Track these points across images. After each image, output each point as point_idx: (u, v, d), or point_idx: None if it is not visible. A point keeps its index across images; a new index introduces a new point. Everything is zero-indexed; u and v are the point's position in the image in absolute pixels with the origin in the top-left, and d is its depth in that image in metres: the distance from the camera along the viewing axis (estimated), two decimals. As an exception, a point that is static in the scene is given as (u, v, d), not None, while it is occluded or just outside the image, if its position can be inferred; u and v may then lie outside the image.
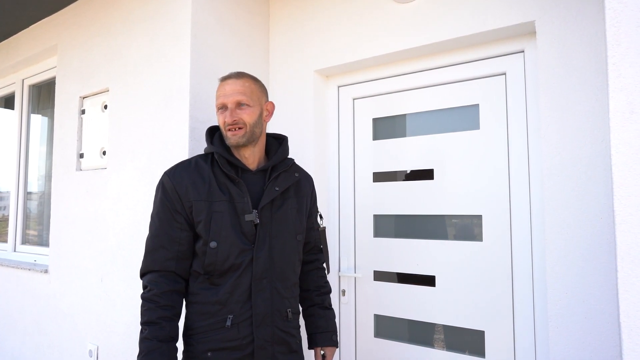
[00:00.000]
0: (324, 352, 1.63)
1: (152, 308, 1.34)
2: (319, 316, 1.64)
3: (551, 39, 1.60)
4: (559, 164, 1.56)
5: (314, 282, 1.68)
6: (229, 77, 1.48)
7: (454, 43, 1.86)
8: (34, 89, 3.25)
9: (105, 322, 2.18)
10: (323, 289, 1.69)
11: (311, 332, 1.63)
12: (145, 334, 1.32)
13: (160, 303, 1.34)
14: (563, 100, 1.57)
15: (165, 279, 1.38)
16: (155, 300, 1.35)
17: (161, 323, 1.33)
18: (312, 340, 1.63)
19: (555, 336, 1.53)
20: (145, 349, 1.30)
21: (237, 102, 1.44)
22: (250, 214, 1.41)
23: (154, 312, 1.33)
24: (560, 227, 1.54)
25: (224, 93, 1.45)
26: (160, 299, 1.35)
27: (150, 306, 1.34)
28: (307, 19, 2.24)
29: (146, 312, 1.34)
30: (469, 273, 1.87)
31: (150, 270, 1.39)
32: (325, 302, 1.68)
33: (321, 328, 1.62)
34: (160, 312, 1.34)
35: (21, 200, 3.19)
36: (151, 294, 1.35)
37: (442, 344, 1.96)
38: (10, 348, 2.85)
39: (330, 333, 1.63)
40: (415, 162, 2.04)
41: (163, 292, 1.36)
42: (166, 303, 1.35)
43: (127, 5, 2.23)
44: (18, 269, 2.83)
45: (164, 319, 1.34)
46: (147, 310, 1.34)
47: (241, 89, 1.45)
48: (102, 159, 2.34)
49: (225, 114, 1.45)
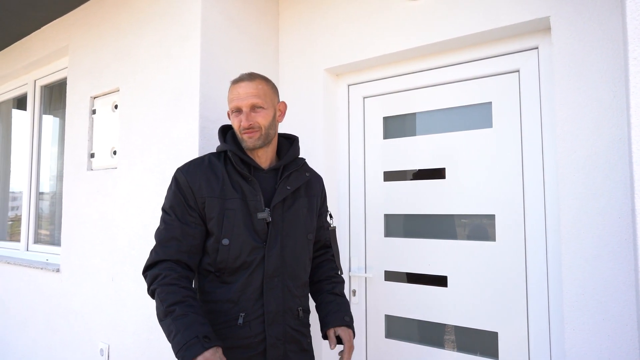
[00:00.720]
0: (338, 333, 1.49)
1: (174, 290, 1.26)
2: (330, 301, 1.56)
3: (566, 34, 1.57)
4: (574, 162, 1.53)
5: (324, 272, 1.65)
6: (241, 80, 1.47)
7: (466, 40, 1.84)
8: (45, 89, 3.28)
9: (116, 321, 2.19)
10: (334, 278, 1.64)
11: (322, 316, 1.54)
12: (175, 313, 1.22)
13: (181, 284, 1.28)
14: (579, 97, 1.53)
15: (179, 266, 1.34)
16: (175, 283, 1.28)
17: (189, 300, 1.26)
18: (323, 324, 1.52)
19: (571, 338, 1.50)
20: (184, 324, 1.20)
21: (251, 105, 1.43)
22: (263, 212, 1.41)
23: (177, 293, 1.26)
24: (577, 227, 1.51)
25: (237, 96, 1.44)
26: (179, 281, 1.29)
27: (172, 289, 1.27)
28: (317, 17, 2.22)
29: (168, 295, 1.25)
30: (482, 273, 1.84)
31: (162, 259, 1.34)
32: (335, 288, 1.60)
33: (332, 310, 1.53)
34: (185, 292, 1.27)
35: (33, 200, 3.22)
36: (169, 278, 1.29)
37: (454, 345, 1.93)
38: (22, 346, 2.87)
39: (342, 313, 1.52)
40: (426, 161, 2.02)
41: (181, 276, 1.30)
42: (186, 285, 1.30)
43: (136, 5, 2.24)
44: (30, 268, 2.85)
45: (190, 297, 1.27)
46: (169, 293, 1.26)
47: (255, 91, 1.44)
48: (112, 158, 2.35)
49: (241, 117, 1.44)
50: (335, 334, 1.50)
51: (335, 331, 1.51)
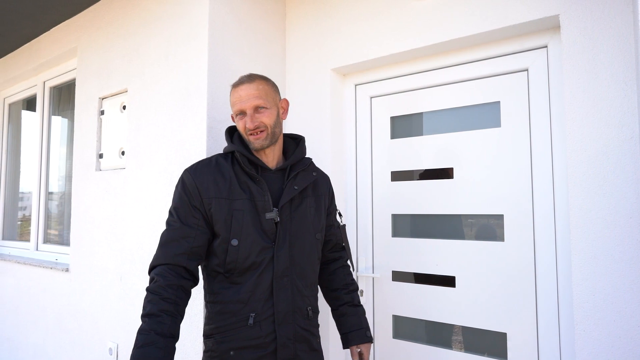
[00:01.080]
0: (360, 349, 1.61)
1: (154, 300, 1.28)
2: (351, 314, 1.63)
3: (576, 33, 1.55)
4: (584, 161, 1.51)
5: (341, 280, 1.68)
6: (241, 82, 1.48)
7: (474, 39, 1.83)
8: (54, 90, 3.31)
9: (125, 320, 2.20)
10: (351, 286, 1.69)
11: (345, 331, 1.62)
12: (143, 325, 1.25)
13: (163, 295, 1.28)
14: (589, 96, 1.52)
15: (173, 272, 1.33)
16: (158, 292, 1.29)
17: (162, 316, 1.26)
18: (346, 339, 1.62)
19: (582, 340, 1.48)
20: (141, 341, 1.22)
21: (255, 106, 1.44)
22: (271, 212, 1.42)
23: (155, 305, 1.27)
24: (587, 227, 1.50)
25: (239, 99, 1.45)
26: (164, 291, 1.29)
27: (153, 298, 1.28)
28: (324, 16, 2.22)
29: (148, 304, 1.28)
30: (491, 274, 1.83)
31: (160, 264, 1.35)
32: (354, 299, 1.67)
33: (355, 326, 1.61)
34: (162, 305, 1.27)
35: (43, 201, 3.25)
36: (156, 285, 1.30)
37: (462, 345, 1.92)
38: (32, 345, 2.90)
39: (364, 329, 1.62)
40: (434, 161, 2.01)
41: (168, 285, 1.30)
42: (169, 296, 1.29)
43: (144, 7, 2.25)
44: (40, 268, 2.88)
45: (165, 312, 1.27)
46: (149, 302, 1.28)
47: (256, 92, 1.45)
48: (121, 159, 2.37)
49: (245, 119, 1.45)
50: (358, 349, 1.60)
51: (358, 347, 1.60)
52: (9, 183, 3.74)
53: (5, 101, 3.80)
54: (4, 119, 3.81)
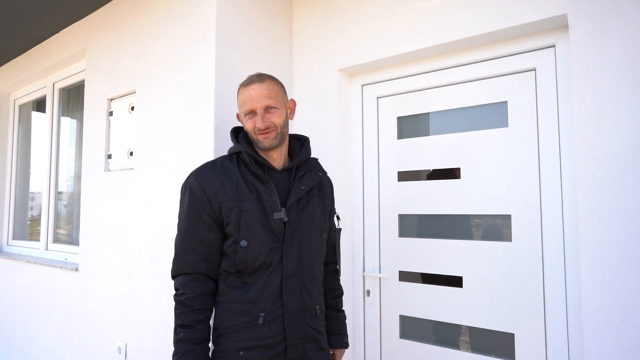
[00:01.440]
0: (334, 353, 1.67)
1: (185, 312, 1.38)
2: (332, 318, 1.68)
3: (584, 32, 1.54)
4: (593, 161, 1.50)
5: (329, 284, 1.71)
6: (251, 82, 1.47)
7: (481, 39, 1.82)
8: (63, 92, 3.34)
9: (133, 319, 2.22)
10: (337, 291, 1.73)
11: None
12: (180, 335, 1.36)
13: (193, 307, 1.38)
14: (597, 96, 1.51)
15: (197, 282, 1.40)
16: (188, 304, 1.38)
17: (195, 326, 1.37)
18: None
19: (590, 341, 1.47)
20: (180, 351, 1.35)
21: (266, 106, 1.45)
22: (279, 212, 1.42)
23: (187, 316, 1.37)
24: (595, 227, 1.49)
25: (250, 98, 1.45)
26: (193, 302, 1.38)
27: (184, 309, 1.38)
28: (331, 17, 2.22)
29: (180, 315, 1.38)
30: (498, 274, 1.82)
31: (181, 273, 1.42)
32: (338, 304, 1.73)
33: (334, 330, 1.67)
34: (194, 316, 1.37)
35: (52, 201, 3.29)
36: (184, 297, 1.39)
37: (469, 346, 1.92)
38: (43, 343, 2.94)
39: (342, 335, 1.67)
40: (441, 161, 2.01)
41: (195, 296, 1.39)
42: (199, 307, 1.39)
43: (152, 8, 2.27)
44: (50, 267, 2.91)
45: (197, 322, 1.37)
46: (181, 313, 1.38)
47: (267, 92, 1.45)
48: (129, 159, 2.39)
49: (255, 119, 1.45)
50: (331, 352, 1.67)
51: (332, 351, 1.67)
52: (19, 183, 3.79)
53: (16, 102, 3.84)
54: (14, 120, 3.85)
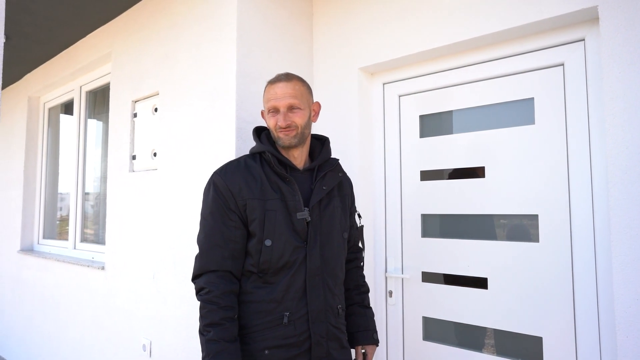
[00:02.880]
0: (365, 350, 1.63)
1: (213, 310, 1.33)
2: (360, 315, 1.65)
3: (616, 24, 1.48)
4: (626, 159, 1.44)
5: (353, 280, 1.70)
6: (278, 80, 1.49)
7: (507, 34, 1.77)
8: (90, 94, 3.43)
9: (157, 317, 2.26)
10: (362, 287, 1.71)
11: (352, 330, 1.63)
12: (210, 335, 1.31)
13: (221, 304, 1.34)
14: (629, 91, 1.45)
15: (223, 279, 1.38)
16: (215, 302, 1.34)
17: (225, 324, 1.33)
18: (353, 338, 1.63)
19: (624, 346, 1.41)
20: (214, 351, 1.29)
21: (289, 105, 1.45)
22: (303, 212, 1.43)
23: (216, 314, 1.33)
24: (629, 228, 1.42)
25: (275, 96, 1.46)
26: (220, 300, 1.34)
27: (212, 308, 1.34)
28: (351, 15, 2.21)
29: (208, 314, 1.34)
30: (525, 275, 1.77)
31: (207, 271, 1.38)
32: (365, 301, 1.69)
33: (362, 327, 1.63)
34: (222, 313, 1.33)
35: (80, 201, 3.38)
36: (211, 295, 1.35)
37: (494, 349, 1.87)
38: (71, 340, 3.02)
39: (371, 331, 1.64)
40: (465, 160, 1.97)
41: (223, 293, 1.35)
42: (226, 304, 1.35)
43: (174, 11, 2.30)
44: (78, 266, 2.99)
45: (226, 319, 1.33)
46: (209, 312, 1.34)
47: (292, 92, 1.46)
48: (153, 160, 2.43)
49: (278, 117, 1.46)
50: (362, 350, 1.63)
51: (363, 348, 1.63)
52: (49, 184, 3.91)
53: (45, 106, 3.96)
54: (44, 123, 3.98)
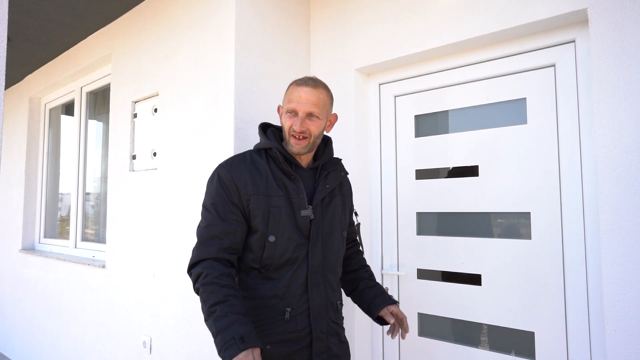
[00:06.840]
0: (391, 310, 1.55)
1: (215, 290, 1.28)
2: (372, 287, 1.64)
3: (605, 26, 1.52)
4: (614, 158, 1.48)
5: (357, 262, 1.74)
6: (305, 84, 1.46)
7: (500, 36, 1.81)
8: (90, 95, 3.46)
9: (157, 315, 2.29)
10: (367, 267, 1.75)
11: (368, 301, 1.60)
12: (216, 313, 1.23)
13: (221, 283, 1.29)
14: (619, 91, 1.48)
15: (220, 264, 1.35)
16: (215, 282, 1.29)
17: (230, 300, 1.26)
18: (373, 306, 1.58)
19: (613, 340, 1.45)
20: (224, 325, 1.21)
21: (309, 112, 1.44)
22: (306, 210, 1.45)
23: (218, 293, 1.27)
24: (617, 225, 1.46)
25: (298, 99, 1.44)
26: (220, 280, 1.30)
27: (213, 288, 1.28)
28: (347, 17, 2.24)
29: (210, 295, 1.27)
30: (517, 272, 1.80)
31: (204, 258, 1.36)
32: (372, 277, 1.71)
33: (377, 294, 1.60)
34: (225, 291, 1.28)
35: (81, 201, 3.41)
36: (210, 277, 1.30)
37: (488, 344, 1.90)
38: (73, 337, 3.05)
39: (387, 295, 1.60)
40: (459, 159, 2.00)
41: (221, 274, 1.31)
42: (227, 283, 1.30)
43: (174, 13, 2.33)
44: (79, 264, 3.03)
45: (231, 296, 1.27)
46: (211, 293, 1.27)
47: (316, 100, 1.44)
48: (152, 160, 2.46)
49: (294, 120, 1.44)
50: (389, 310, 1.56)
51: (389, 308, 1.56)
52: (49, 184, 3.94)
53: (46, 107, 4.00)
54: (45, 124, 4.01)
